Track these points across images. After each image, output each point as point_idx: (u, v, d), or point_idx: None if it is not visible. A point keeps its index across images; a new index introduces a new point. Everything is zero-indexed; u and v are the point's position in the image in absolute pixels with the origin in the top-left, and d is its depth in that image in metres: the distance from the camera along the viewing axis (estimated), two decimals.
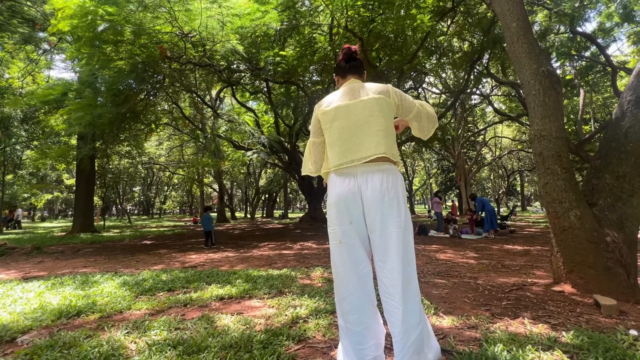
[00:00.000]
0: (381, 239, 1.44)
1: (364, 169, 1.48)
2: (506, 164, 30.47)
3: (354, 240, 1.49)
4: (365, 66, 9.39)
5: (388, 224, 1.43)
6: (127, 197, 36.73)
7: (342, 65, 1.66)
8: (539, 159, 2.96)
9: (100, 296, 2.94)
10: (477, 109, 22.47)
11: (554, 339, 1.81)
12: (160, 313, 2.48)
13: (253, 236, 10.34)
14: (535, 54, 3.04)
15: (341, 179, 1.51)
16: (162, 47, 7.48)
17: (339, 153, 1.51)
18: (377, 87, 1.56)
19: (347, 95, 1.56)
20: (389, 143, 1.50)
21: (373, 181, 1.45)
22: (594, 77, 14.16)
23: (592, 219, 2.73)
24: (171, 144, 24.59)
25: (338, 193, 1.50)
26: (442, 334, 1.93)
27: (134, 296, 2.96)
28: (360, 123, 1.50)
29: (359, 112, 1.50)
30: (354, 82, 1.61)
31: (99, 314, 2.47)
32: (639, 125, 2.71)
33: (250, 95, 13.96)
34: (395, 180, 1.48)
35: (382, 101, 1.51)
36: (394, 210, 1.43)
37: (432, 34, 10.39)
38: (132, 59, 7.46)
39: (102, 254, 6.69)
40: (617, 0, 11.23)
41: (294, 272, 3.90)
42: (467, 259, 4.99)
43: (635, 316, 2.20)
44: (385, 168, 1.48)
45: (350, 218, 1.48)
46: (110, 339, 1.93)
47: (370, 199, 1.44)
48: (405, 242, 1.44)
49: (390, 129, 1.53)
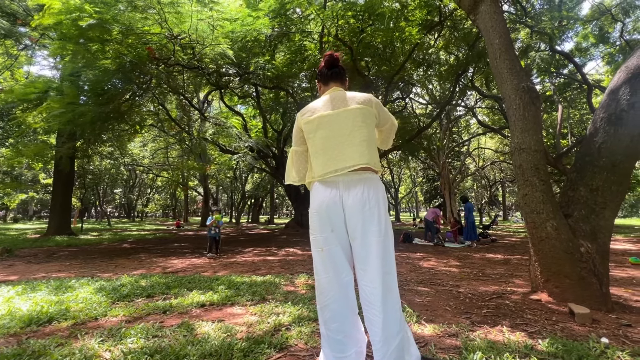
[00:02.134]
0: (362, 247, 1.45)
1: (347, 178, 1.50)
2: (489, 174, 31.30)
3: (336, 248, 1.50)
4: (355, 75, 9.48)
5: (369, 232, 1.44)
6: (108, 199, 35.61)
7: (325, 72, 1.66)
8: (518, 171, 3.06)
9: (74, 302, 2.82)
10: (462, 120, 23.10)
11: (530, 346, 1.86)
12: (138, 320, 2.40)
13: (237, 241, 10.19)
14: (516, 70, 3.17)
15: (324, 188, 1.52)
16: (151, 47, 7.38)
17: (323, 163, 1.52)
18: (360, 97, 1.57)
19: (330, 104, 1.56)
20: (372, 153, 1.53)
21: (355, 190, 1.47)
22: (571, 93, 14.86)
23: (568, 230, 2.83)
24: (156, 145, 24.10)
25: (320, 201, 1.51)
26: (424, 342, 1.95)
27: (111, 302, 2.86)
28: (344, 133, 1.51)
29: (343, 122, 1.52)
30: (336, 91, 1.61)
31: (72, 320, 2.36)
32: (611, 141, 2.84)
33: (239, 100, 13.90)
34: (376, 190, 1.50)
35: (365, 111, 1.53)
36: (375, 219, 1.45)
37: (419, 46, 10.68)
38: (119, 59, 7.32)
39: (78, 258, 6.43)
40: (593, 23, 11.87)
41: (278, 278, 3.86)
42: (449, 267, 5.07)
43: (606, 324, 2.28)
44: (367, 177, 1.50)
45: (332, 226, 1.49)
46: (83, 347, 1.85)
47: (352, 207, 1.46)
48: (385, 250, 1.45)
49: (373, 139, 1.57)
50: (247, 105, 15.69)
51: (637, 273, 4.59)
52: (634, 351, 1.77)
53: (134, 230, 16.44)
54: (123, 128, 11.26)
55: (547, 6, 11.05)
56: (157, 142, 23.21)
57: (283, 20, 9.19)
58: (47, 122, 7.72)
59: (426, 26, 10.10)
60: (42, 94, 7.70)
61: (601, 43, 12.51)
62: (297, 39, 10.28)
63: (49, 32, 8.38)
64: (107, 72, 7.38)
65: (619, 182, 2.83)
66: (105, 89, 7.83)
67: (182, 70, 9.63)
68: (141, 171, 29.12)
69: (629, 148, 2.82)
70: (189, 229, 18.65)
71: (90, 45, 6.90)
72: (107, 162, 21.60)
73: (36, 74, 14.83)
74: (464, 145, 25.74)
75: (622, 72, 2.94)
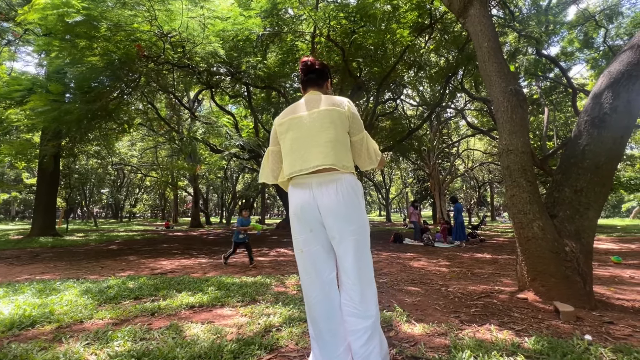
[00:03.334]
0: (339, 245, 1.50)
1: (319, 179, 1.51)
2: (477, 175, 31.81)
3: (315, 247, 1.53)
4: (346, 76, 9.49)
5: (345, 231, 1.48)
6: (94, 199, 34.84)
7: (302, 79, 1.71)
8: (506, 172, 3.12)
9: (58, 305, 2.75)
10: (452, 122, 23.42)
11: (517, 344, 1.89)
12: (125, 322, 2.35)
13: (228, 242, 10.09)
14: (505, 73, 3.23)
15: (298, 190, 1.55)
16: (140, 45, 7.25)
17: (290, 163, 1.56)
18: (333, 100, 1.58)
19: (303, 107, 1.60)
20: (339, 154, 1.52)
21: (328, 191, 1.49)
22: (557, 97, 15.23)
23: (553, 230, 2.89)
24: (145, 145, 23.72)
25: (296, 203, 1.55)
26: (414, 342, 1.97)
27: (97, 305, 2.79)
28: (311, 134, 1.53)
29: (311, 123, 1.54)
30: (312, 94, 1.64)
31: (57, 324, 2.30)
32: (595, 143, 2.92)
33: (230, 99, 13.79)
34: (350, 189, 1.51)
35: (334, 113, 1.53)
36: (350, 218, 1.49)
37: (410, 48, 10.78)
38: (106, 56, 7.17)
39: (63, 259, 6.27)
40: (578, 28, 12.19)
41: (268, 279, 3.84)
42: (439, 267, 5.13)
43: (590, 322, 2.34)
44: (339, 177, 1.51)
45: (310, 226, 1.53)
46: (68, 351, 1.81)
47: (326, 207, 1.49)
48: (363, 247, 1.51)
49: (341, 140, 1.54)
50: (238, 105, 15.58)
51: (619, 272, 4.73)
52: (616, 348, 1.82)
53: (121, 231, 16.13)
54: (110, 127, 11.04)
55: (534, 11, 11.31)
56: (145, 142, 22.86)
57: (275, 20, 9.17)
58: (31, 119, 7.50)
59: (417, 28, 10.21)
60: (26, 91, 7.49)
61: (586, 48, 12.86)
62: (289, 39, 10.26)
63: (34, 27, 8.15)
64: (95, 70, 7.22)
65: (602, 184, 2.91)
66: (92, 87, 7.67)
67: (172, 69, 9.50)
68: (129, 171, 28.60)
69: (612, 150, 2.90)
70: (179, 229, 18.40)
71: (77, 42, 6.74)
72: (93, 161, 21.15)
73: (20, 70, 14.40)
74: (453, 147, 26.11)
75: (605, 77, 3.03)
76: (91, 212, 30.82)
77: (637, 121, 3.29)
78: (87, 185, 26.03)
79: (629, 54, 2.92)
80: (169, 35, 7.20)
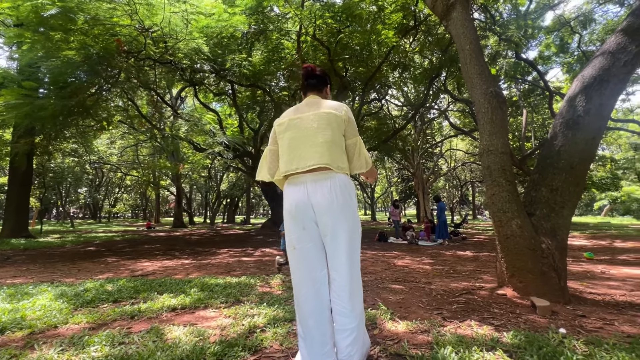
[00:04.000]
0: (331, 243, 1.56)
1: (313, 177, 1.56)
2: (460, 175, 32.61)
3: (308, 245, 1.58)
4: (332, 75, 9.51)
5: (337, 229, 1.53)
6: (71, 199, 33.52)
7: (303, 84, 1.80)
8: (486, 172, 3.20)
9: (31, 310, 2.62)
10: (435, 122, 23.89)
11: (496, 339, 1.95)
12: (103, 327, 2.27)
13: (212, 242, 9.94)
14: (485, 75, 3.31)
15: (293, 187, 1.60)
16: (119, 40, 7.02)
17: (286, 161, 1.62)
18: (331, 104, 1.66)
19: (302, 109, 1.67)
20: (334, 155, 1.58)
21: (322, 189, 1.54)
22: (534, 99, 15.78)
23: (531, 228, 3.00)
24: (125, 143, 22.99)
25: (290, 201, 1.60)
26: (397, 339, 1.99)
27: (73, 309, 2.68)
28: (308, 134, 1.59)
29: (309, 124, 1.60)
30: (312, 98, 1.73)
31: (29, 330, 2.20)
32: (569, 145, 3.05)
33: (214, 97, 13.56)
34: (343, 188, 1.57)
35: (331, 116, 1.60)
36: (342, 217, 1.54)
37: (395, 49, 10.92)
38: (84, 50, 6.89)
39: (36, 262, 6.00)
40: (554, 33, 12.67)
41: (253, 279, 3.81)
42: (422, 264, 5.23)
43: (564, 316, 2.44)
44: (333, 176, 1.57)
45: (303, 224, 1.57)
46: (41, 358, 1.73)
47: (320, 206, 1.53)
48: (352, 246, 1.57)
49: (337, 142, 1.60)
50: (222, 103, 15.35)
51: (592, 267, 4.96)
52: (588, 340, 1.91)
53: (100, 232, 15.59)
54: (88, 124, 10.65)
55: (514, 15, 11.66)
56: (126, 140, 22.16)
57: (260, 18, 9.08)
58: (1, 114, 7.13)
59: (402, 30, 10.35)
60: None
61: (561, 52, 13.37)
62: (274, 38, 10.19)
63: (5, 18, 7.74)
64: (71, 64, 6.93)
65: (576, 183, 3.04)
66: (68, 82, 7.35)
67: (154, 65, 9.25)
68: (108, 170, 27.65)
69: (585, 151, 3.03)
70: (161, 230, 17.96)
71: (52, 35, 6.46)
72: (70, 159, 20.34)
73: None
74: (437, 147, 26.64)
75: (578, 81, 3.16)
76: (67, 212, 29.63)
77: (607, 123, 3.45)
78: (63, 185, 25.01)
79: (601, 60, 3.05)
80: (151, 31, 7.01)
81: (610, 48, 3.04)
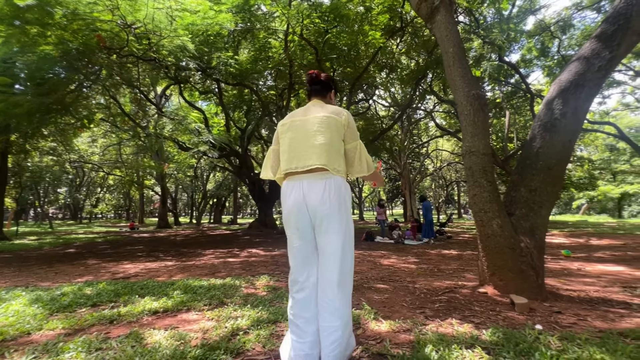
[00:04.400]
0: (323, 242, 1.62)
1: (310, 177, 1.63)
2: (445, 174, 33.18)
3: (299, 242, 1.66)
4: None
5: (329, 229, 1.59)
6: (50, 200, 32.37)
7: (308, 89, 1.89)
8: (469, 173, 3.27)
9: (3, 316, 2.52)
10: (421, 123, 24.23)
11: (476, 337, 1.99)
12: (80, 332, 2.20)
13: (197, 243, 9.79)
14: (468, 77, 3.38)
15: (290, 186, 1.67)
16: (100, 35, 6.81)
17: (287, 160, 1.70)
18: (333, 108, 1.74)
19: (305, 112, 1.76)
20: (332, 156, 1.64)
21: (316, 189, 1.60)
22: (517, 101, 16.21)
23: (511, 227, 3.08)
24: (107, 141, 22.36)
25: (288, 202, 1.67)
26: (380, 339, 2.01)
27: (48, 314, 2.59)
28: (308, 135, 1.67)
29: (309, 126, 1.68)
30: (315, 102, 1.82)
31: (0, 337, 2.11)
32: (547, 146, 3.14)
33: (200, 95, 13.34)
34: (337, 189, 1.62)
35: (331, 119, 1.67)
36: (335, 217, 1.59)
37: (382, 50, 11.01)
38: (62, 45, 6.66)
39: (11, 265, 5.77)
40: (535, 37, 13.04)
41: (238, 281, 3.76)
42: (408, 264, 5.30)
43: (541, 312, 2.52)
44: (328, 177, 1.63)
45: (297, 224, 1.65)
46: None
47: (313, 205, 1.60)
48: (344, 247, 1.61)
49: (335, 145, 1.67)
50: (209, 101, 15.12)
51: (569, 264, 5.13)
52: (562, 335, 1.97)
53: (80, 233, 15.11)
54: (68, 121, 10.31)
55: (497, 19, 11.95)
56: (108, 138, 21.56)
57: (247, 16, 8.99)
58: None
59: (389, 31, 10.44)
60: None
61: (542, 56, 13.78)
62: (261, 36, 10.11)
63: None
64: (48, 59, 6.69)
65: (553, 184, 3.14)
66: (45, 78, 7.09)
67: (137, 62, 9.03)
68: (90, 169, 26.82)
69: (562, 153, 3.13)
70: (145, 230, 17.56)
71: (28, 29, 6.21)
72: (48, 158, 19.63)
73: None
74: (423, 147, 27.03)
75: (556, 85, 3.26)
76: (46, 213, 28.58)
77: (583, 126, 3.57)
78: (41, 184, 24.13)
79: (577, 65, 3.16)
80: (133, 27, 6.84)
81: (585, 53, 3.15)
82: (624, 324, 2.24)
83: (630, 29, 3.01)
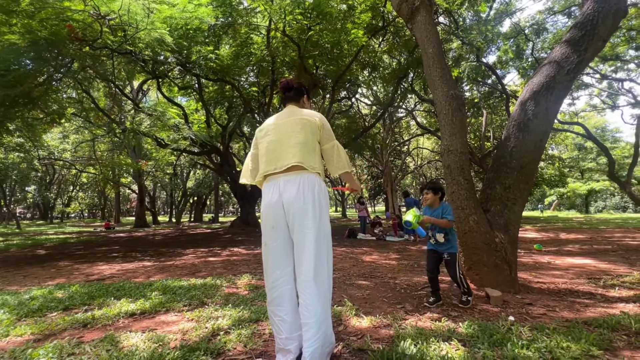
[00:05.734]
0: (298, 240, 1.65)
1: (285, 177, 1.69)
2: (426, 172, 33.94)
3: (275, 242, 1.69)
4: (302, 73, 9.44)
5: (304, 226, 1.62)
6: (17, 199, 30.61)
7: (281, 96, 1.98)
8: (447, 171, 3.36)
9: None
10: (403, 121, 24.63)
11: (453, 330, 2.06)
12: (50, 337, 2.11)
13: (177, 242, 9.55)
14: (447, 78, 3.46)
15: (268, 187, 1.73)
16: (71, 25, 6.48)
17: (265, 162, 1.77)
18: (307, 112, 1.83)
19: (280, 117, 1.84)
20: (306, 154, 1.70)
21: (291, 187, 1.66)
22: (494, 101, 16.77)
23: (486, 223, 3.19)
24: (80, 137, 21.37)
25: (265, 200, 1.72)
26: (361, 334, 2.04)
27: (15, 319, 2.46)
28: (283, 137, 1.74)
29: (284, 128, 1.77)
30: (290, 108, 1.89)
31: None
32: (520, 146, 3.27)
33: (179, 91, 12.97)
34: (312, 187, 1.67)
35: (305, 121, 1.76)
36: (309, 214, 1.63)
37: (365, 49, 11.08)
38: (29, 35, 6.28)
39: None
40: (511, 40, 13.52)
41: (219, 280, 3.71)
42: (389, 260, 5.39)
43: (514, 304, 2.64)
44: (303, 174, 1.68)
45: (273, 223, 1.69)
46: None
47: (288, 203, 1.64)
48: (318, 243, 1.63)
49: (310, 145, 1.73)
50: (189, 97, 14.72)
51: (540, 258, 5.38)
52: (532, 326, 2.08)
53: (51, 234, 14.40)
54: (36, 116, 9.77)
55: (476, 20, 12.30)
56: (81, 134, 20.61)
57: (228, 10, 8.80)
58: None
59: (371, 30, 10.52)
60: None
61: (517, 58, 14.31)
62: (243, 32, 9.93)
63: None
64: (13, 50, 6.30)
65: (525, 181, 3.28)
66: (10, 69, 6.67)
67: (112, 55, 8.66)
68: (61, 166, 25.55)
69: (534, 152, 3.27)
70: (121, 230, 16.95)
71: None
72: (14, 155, 18.55)
73: None
74: (404, 145, 27.50)
75: (529, 87, 3.40)
76: (13, 212, 27.02)
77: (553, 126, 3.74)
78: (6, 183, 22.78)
79: (548, 68, 3.31)
80: (107, 18, 6.55)
81: (555, 57, 3.30)
82: (588, 314, 2.38)
83: (596, 35, 3.18)
